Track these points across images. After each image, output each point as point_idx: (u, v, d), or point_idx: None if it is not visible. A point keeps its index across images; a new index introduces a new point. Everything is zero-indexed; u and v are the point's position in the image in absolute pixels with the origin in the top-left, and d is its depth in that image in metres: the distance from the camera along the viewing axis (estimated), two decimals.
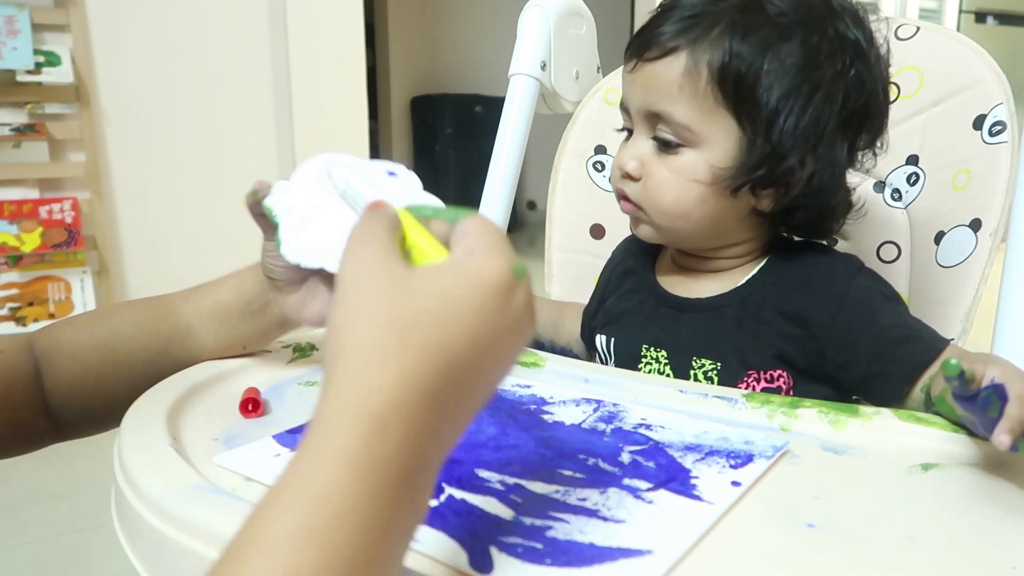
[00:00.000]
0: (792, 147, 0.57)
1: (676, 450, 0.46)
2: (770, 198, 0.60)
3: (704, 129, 0.58)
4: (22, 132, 2.42)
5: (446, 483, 0.41)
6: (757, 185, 0.59)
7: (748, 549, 0.36)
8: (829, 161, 0.59)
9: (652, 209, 0.61)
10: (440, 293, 0.30)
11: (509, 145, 0.96)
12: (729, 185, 0.58)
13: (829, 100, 0.57)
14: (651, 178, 0.60)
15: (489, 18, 5.20)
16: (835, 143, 0.59)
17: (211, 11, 2.77)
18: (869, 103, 0.60)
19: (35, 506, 1.56)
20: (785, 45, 0.56)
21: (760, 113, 0.57)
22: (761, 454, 0.45)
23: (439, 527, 0.36)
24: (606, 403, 0.54)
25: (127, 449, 0.45)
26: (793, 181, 0.59)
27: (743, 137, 0.57)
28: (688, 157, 0.59)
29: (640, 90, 0.60)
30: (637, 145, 0.61)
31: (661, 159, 0.60)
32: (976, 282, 0.72)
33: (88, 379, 0.56)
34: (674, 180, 0.59)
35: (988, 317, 0.70)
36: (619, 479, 0.42)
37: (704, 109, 0.57)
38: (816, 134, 0.57)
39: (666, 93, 0.58)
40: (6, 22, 2.32)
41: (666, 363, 0.65)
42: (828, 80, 0.57)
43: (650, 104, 0.59)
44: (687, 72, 0.57)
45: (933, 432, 0.48)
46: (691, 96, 0.57)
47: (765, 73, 0.56)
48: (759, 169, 0.58)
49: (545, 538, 0.36)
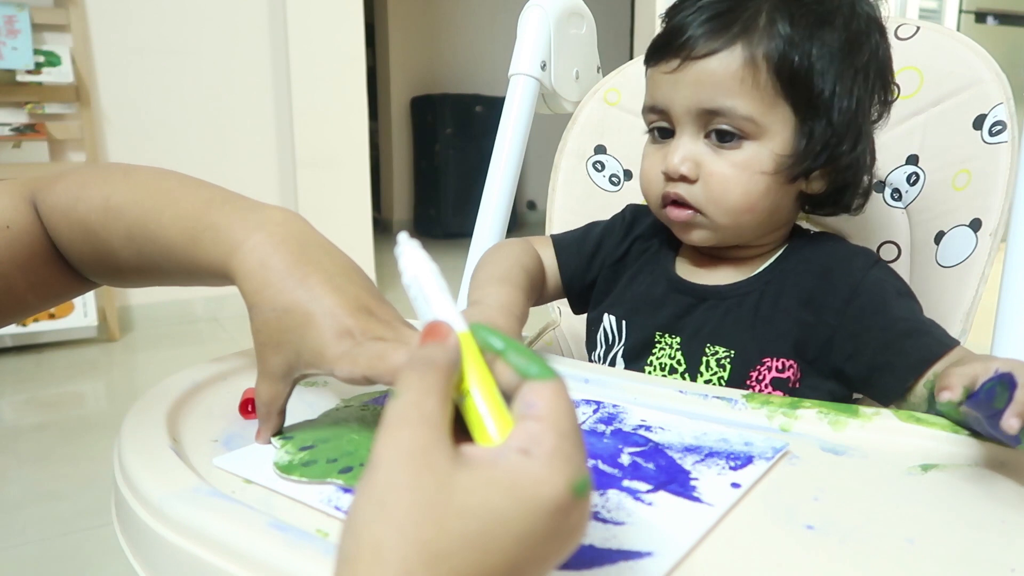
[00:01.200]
0: (847, 129, 0.59)
1: (676, 451, 0.46)
2: (821, 180, 0.62)
3: (766, 119, 0.58)
4: (22, 132, 2.42)
5: None
6: (813, 170, 0.60)
7: (747, 550, 0.36)
8: (869, 138, 0.62)
9: (716, 208, 0.60)
10: (485, 513, 0.25)
11: (509, 145, 0.96)
12: (791, 173, 0.59)
13: (866, 79, 0.60)
14: (713, 177, 0.59)
15: (489, 18, 5.20)
16: (869, 119, 0.62)
17: (211, 11, 2.78)
18: (886, 77, 0.62)
19: (35, 506, 1.56)
20: (827, 30, 0.57)
21: (817, 100, 0.58)
22: (761, 455, 0.45)
23: None
24: (605, 404, 0.54)
25: (127, 451, 0.45)
26: (844, 163, 0.60)
27: (799, 124, 0.58)
28: (750, 150, 0.59)
29: (690, 89, 0.59)
30: (686, 146, 0.60)
31: (719, 156, 0.59)
32: (976, 282, 0.72)
33: (82, 255, 0.54)
34: (739, 175, 0.59)
35: (988, 317, 0.70)
36: (619, 481, 0.42)
37: (765, 100, 0.57)
38: (862, 114, 0.60)
39: (725, 88, 0.57)
40: (6, 22, 2.32)
41: (678, 349, 0.65)
42: (866, 62, 0.59)
43: (705, 102, 0.58)
44: (746, 65, 0.57)
45: (933, 433, 0.48)
46: (752, 88, 0.57)
47: (817, 59, 0.57)
48: (821, 155, 0.59)
49: None
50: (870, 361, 0.59)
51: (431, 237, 5.00)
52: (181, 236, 0.49)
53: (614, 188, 0.95)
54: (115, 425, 0.49)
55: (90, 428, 1.88)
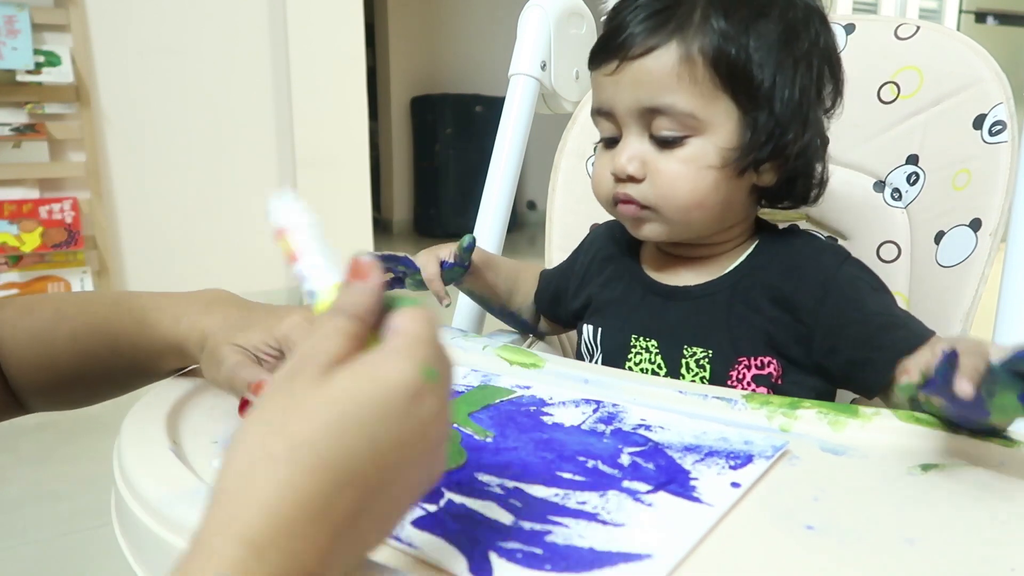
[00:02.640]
0: (791, 119, 0.59)
1: (675, 451, 0.46)
2: (771, 172, 0.61)
3: (707, 114, 0.58)
4: (22, 132, 2.43)
5: (445, 488, 0.41)
6: (761, 161, 0.60)
7: (747, 551, 0.36)
8: (814, 127, 0.61)
9: (665, 205, 0.60)
10: (341, 401, 0.27)
11: (509, 145, 0.96)
12: (738, 165, 0.59)
13: (809, 69, 0.59)
14: (660, 175, 0.59)
15: (489, 18, 5.20)
16: (817, 108, 0.61)
17: (211, 11, 2.78)
18: (833, 65, 0.62)
19: (35, 506, 1.56)
20: (763, 21, 0.58)
21: (757, 91, 0.58)
22: (761, 454, 0.45)
23: (438, 533, 0.36)
24: (605, 403, 0.54)
25: (127, 452, 0.45)
26: (791, 152, 0.60)
27: (743, 117, 0.58)
28: (695, 145, 0.59)
29: (630, 89, 0.59)
30: (632, 145, 0.60)
31: (665, 154, 0.59)
32: (976, 282, 0.72)
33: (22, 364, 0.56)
34: (686, 171, 0.59)
35: (988, 317, 0.70)
36: (618, 481, 0.42)
37: (705, 95, 0.57)
38: (805, 103, 0.59)
39: (663, 85, 0.58)
40: (6, 22, 2.32)
41: (656, 352, 0.65)
42: (806, 51, 0.59)
43: (645, 101, 0.58)
44: (682, 61, 0.57)
45: (933, 433, 0.48)
46: (691, 84, 0.57)
47: (754, 51, 0.57)
48: (766, 146, 0.59)
49: (545, 543, 0.36)
50: (849, 357, 0.59)
51: (431, 237, 4.99)
52: (128, 325, 0.55)
53: None
54: (115, 425, 0.49)
55: (90, 428, 1.88)
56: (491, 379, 0.59)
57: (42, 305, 0.57)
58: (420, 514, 0.38)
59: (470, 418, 0.51)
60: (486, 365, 0.62)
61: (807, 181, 0.64)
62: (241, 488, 0.25)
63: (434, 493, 0.40)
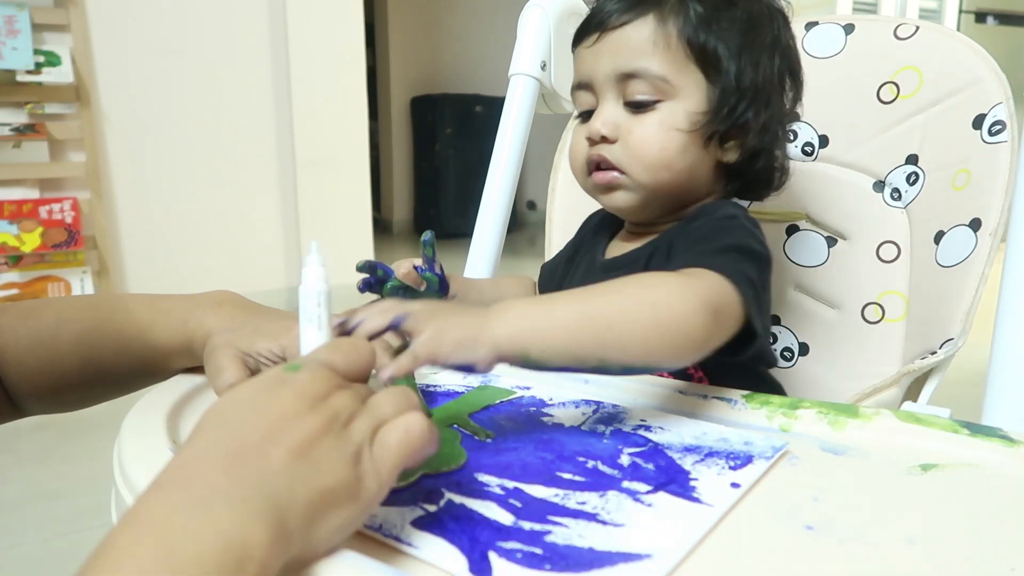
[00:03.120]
0: (753, 97, 0.64)
1: (675, 451, 0.46)
2: (734, 149, 0.65)
3: (679, 80, 0.63)
4: (22, 132, 2.43)
5: (445, 488, 0.41)
6: (724, 134, 0.64)
7: (747, 551, 0.36)
8: (777, 113, 0.66)
9: (636, 165, 0.64)
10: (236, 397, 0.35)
11: (509, 145, 0.96)
12: (704, 132, 0.63)
13: (770, 59, 0.65)
14: (632, 135, 0.64)
15: (489, 18, 5.20)
16: (776, 94, 0.66)
17: (211, 11, 2.78)
18: (792, 64, 0.68)
19: (35, 506, 1.56)
20: (732, 9, 0.64)
21: (723, 67, 0.63)
22: (760, 455, 0.45)
23: (438, 533, 0.36)
24: (605, 404, 0.54)
25: (127, 454, 0.45)
26: (752, 129, 0.64)
27: (711, 88, 0.63)
28: (666, 109, 0.63)
29: (608, 57, 0.64)
30: (607, 110, 0.65)
31: (638, 117, 0.64)
32: (976, 282, 0.72)
33: (23, 369, 0.56)
34: (657, 131, 0.63)
35: (988, 317, 0.70)
36: (618, 482, 0.42)
37: (676, 63, 0.63)
38: (767, 87, 0.65)
39: (640, 50, 0.63)
40: (6, 22, 2.32)
41: None
42: (768, 43, 0.65)
43: (622, 66, 0.63)
44: (657, 30, 0.63)
45: (933, 433, 0.48)
46: (664, 50, 0.62)
47: (722, 31, 0.63)
48: (731, 115, 0.63)
49: (544, 543, 0.36)
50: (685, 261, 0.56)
51: None
52: (133, 326, 0.56)
53: None
54: (115, 425, 0.49)
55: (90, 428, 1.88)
56: (491, 380, 0.59)
57: (43, 309, 0.57)
58: (420, 514, 0.38)
59: (470, 419, 0.51)
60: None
61: (768, 163, 0.67)
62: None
63: (434, 493, 0.40)
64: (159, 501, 0.29)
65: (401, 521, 0.37)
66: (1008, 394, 0.66)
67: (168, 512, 0.29)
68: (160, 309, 0.57)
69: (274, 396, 0.34)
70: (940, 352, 0.73)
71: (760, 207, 0.82)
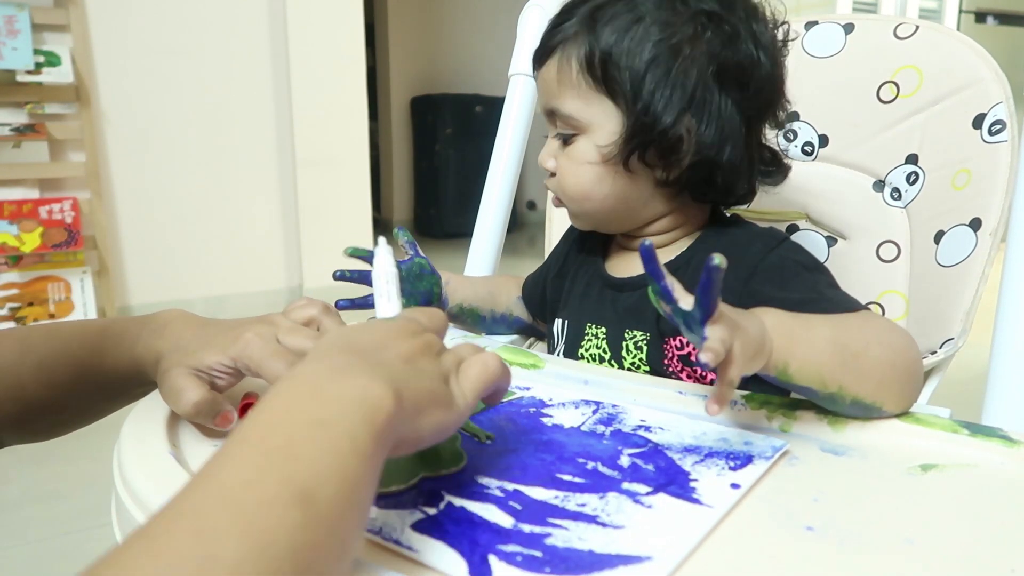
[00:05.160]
0: (663, 110, 0.60)
1: (675, 452, 0.46)
2: (669, 167, 0.63)
3: (587, 115, 0.63)
4: (22, 132, 2.43)
5: (445, 491, 0.41)
6: (644, 154, 0.62)
7: (747, 552, 0.36)
8: (710, 118, 0.61)
9: (564, 197, 0.67)
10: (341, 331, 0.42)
11: (509, 145, 0.96)
12: (617, 160, 0.62)
13: (692, 61, 0.60)
14: (559, 169, 0.66)
15: (489, 18, 5.20)
16: (711, 100, 0.61)
17: (211, 11, 2.78)
18: (742, 60, 0.61)
19: (35, 506, 1.56)
20: (639, 24, 0.61)
21: (629, 89, 0.61)
22: (760, 455, 0.45)
23: (438, 536, 0.36)
24: (605, 404, 0.54)
25: (127, 457, 0.45)
26: (679, 144, 0.61)
27: (621, 114, 0.62)
28: (579, 144, 0.64)
29: (540, 93, 0.67)
30: (550, 144, 0.67)
31: (562, 152, 0.66)
32: (976, 281, 0.72)
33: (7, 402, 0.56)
34: (571, 166, 0.65)
35: (988, 317, 0.70)
36: (618, 483, 0.42)
37: (582, 96, 0.63)
38: (684, 95, 0.60)
39: (552, 91, 0.64)
40: (6, 22, 2.32)
41: (604, 338, 0.68)
42: (686, 42, 0.60)
43: (544, 104, 0.66)
44: (560, 68, 0.63)
45: (933, 433, 0.48)
46: (568, 88, 0.63)
47: (625, 52, 0.61)
48: (635, 139, 0.61)
49: (544, 546, 0.36)
50: None
51: (431, 237, 4.99)
52: (91, 351, 0.56)
53: None
54: (115, 425, 0.49)
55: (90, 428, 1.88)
56: None
57: (7, 337, 0.57)
58: (420, 517, 0.38)
59: (470, 420, 0.51)
60: None
61: (727, 175, 0.63)
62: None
63: (434, 496, 0.40)
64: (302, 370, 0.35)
65: (401, 524, 0.37)
66: (1008, 394, 0.66)
67: (312, 373, 0.35)
68: (111, 334, 0.56)
69: (380, 327, 0.41)
70: (940, 352, 0.73)
71: (760, 207, 0.82)
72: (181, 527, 0.26)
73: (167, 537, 0.26)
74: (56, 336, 0.57)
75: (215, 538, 0.26)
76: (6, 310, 2.46)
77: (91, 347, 0.56)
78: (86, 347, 0.56)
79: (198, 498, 0.28)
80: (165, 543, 0.26)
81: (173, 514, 0.27)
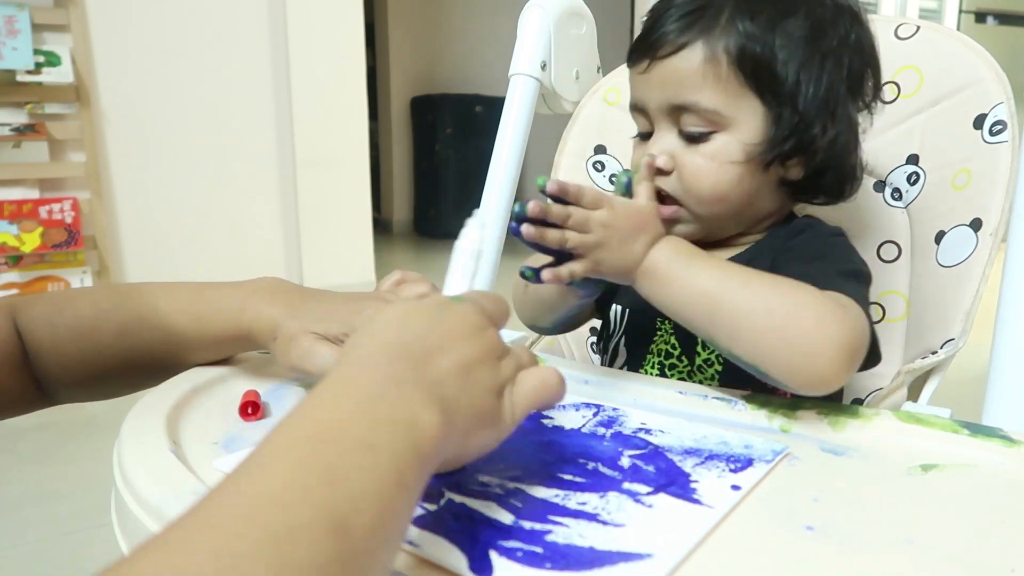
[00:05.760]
0: (816, 115, 0.60)
1: (676, 454, 0.46)
2: (798, 166, 0.63)
3: (732, 111, 0.60)
4: (22, 132, 2.42)
5: (446, 488, 0.41)
6: (786, 156, 0.61)
7: (747, 552, 0.36)
8: (846, 123, 0.62)
9: (691, 199, 0.62)
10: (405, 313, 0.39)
11: (509, 145, 0.96)
12: (762, 160, 0.61)
13: (838, 65, 0.61)
14: (686, 168, 0.61)
15: (489, 18, 5.20)
16: (848, 105, 0.62)
17: (211, 11, 2.78)
18: (869, 63, 0.64)
19: (35, 506, 1.56)
20: (790, 20, 0.59)
21: (781, 87, 0.59)
22: (761, 458, 0.45)
23: (439, 531, 0.36)
24: (605, 407, 0.54)
25: (127, 454, 0.45)
26: (818, 147, 0.61)
27: (768, 113, 0.60)
28: (719, 141, 0.60)
29: (659, 87, 0.62)
30: (663, 140, 0.62)
31: (691, 149, 0.61)
32: (977, 282, 0.72)
33: (63, 359, 0.57)
34: (710, 165, 0.61)
35: (989, 317, 0.70)
36: (619, 483, 0.42)
37: (729, 92, 0.59)
38: (833, 99, 0.61)
39: (689, 84, 0.60)
40: (6, 22, 2.32)
41: (672, 333, 0.67)
42: (835, 47, 0.61)
43: (673, 98, 0.61)
44: (707, 60, 0.59)
45: (933, 433, 0.48)
46: (715, 82, 0.59)
47: (779, 48, 0.59)
48: (789, 140, 0.60)
49: (545, 542, 0.36)
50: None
51: (431, 237, 4.99)
52: (181, 316, 0.57)
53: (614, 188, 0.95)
54: (115, 425, 0.49)
55: (90, 428, 1.88)
56: None
57: (77, 300, 0.58)
58: (420, 513, 0.38)
59: None
60: None
61: (838, 175, 0.65)
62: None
63: (434, 492, 0.40)
64: (356, 377, 0.33)
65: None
66: (1008, 394, 0.66)
67: (367, 383, 0.33)
68: (208, 299, 0.58)
69: (443, 317, 0.38)
70: (941, 352, 0.73)
71: None
72: (201, 541, 0.24)
73: (183, 550, 0.24)
74: (135, 298, 0.58)
75: (237, 560, 0.23)
76: None
77: (185, 311, 0.58)
78: (178, 310, 0.58)
79: (224, 510, 0.25)
80: (181, 557, 0.23)
81: (195, 524, 0.25)
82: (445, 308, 0.39)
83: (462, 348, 0.37)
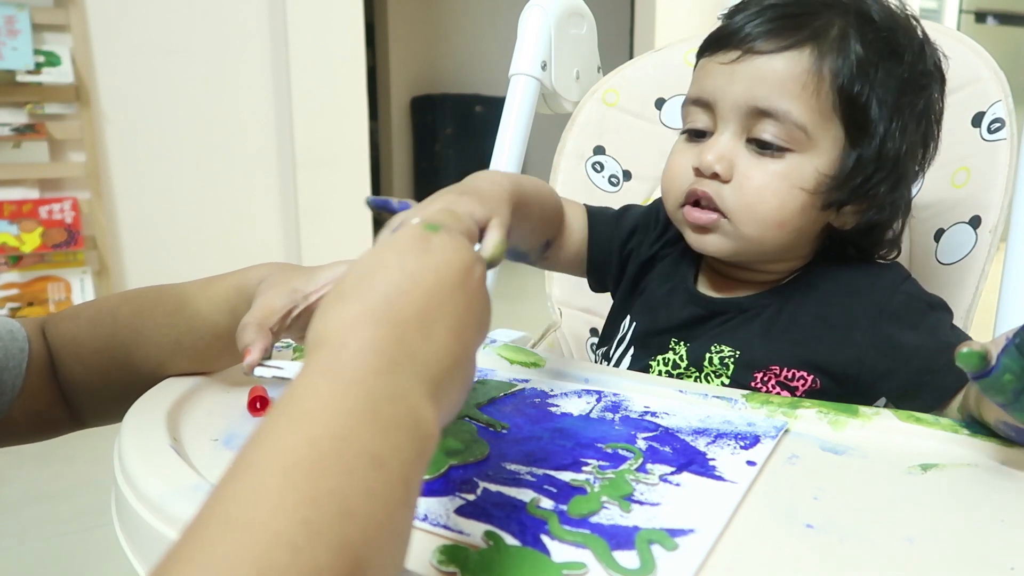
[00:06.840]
0: (891, 167, 0.57)
1: (686, 434, 0.48)
2: (853, 215, 0.59)
3: (818, 133, 0.55)
4: (22, 132, 2.42)
5: (478, 478, 0.41)
6: (845, 201, 0.57)
7: (747, 550, 0.36)
8: (907, 184, 0.59)
9: (745, 215, 0.56)
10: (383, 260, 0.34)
11: (509, 145, 0.96)
12: (828, 196, 0.56)
13: (918, 126, 0.58)
14: (749, 181, 0.56)
15: (489, 18, 5.19)
16: (913, 165, 0.59)
17: (211, 11, 2.77)
18: (937, 129, 0.61)
19: (35, 506, 1.56)
20: (895, 62, 0.56)
21: (870, 127, 0.56)
22: (766, 434, 0.47)
23: (484, 520, 0.37)
24: (606, 393, 0.55)
25: (127, 450, 0.45)
26: (881, 201, 0.58)
27: (849, 148, 0.56)
28: (793, 161, 0.55)
29: (744, 84, 0.55)
30: (724, 143, 0.57)
31: (759, 161, 0.56)
32: (976, 279, 0.72)
33: (93, 379, 0.57)
34: (779, 185, 0.55)
35: (988, 314, 0.70)
36: (643, 465, 0.43)
37: (822, 112, 0.55)
38: (908, 156, 0.57)
39: (786, 89, 0.54)
40: (6, 22, 2.32)
41: (684, 351, 0.63)
42: (923, 109, 0.58)
43: (759, 100, 0.55)
44: (812, 71, 0.54)
45: (933, 432, 0.48)
46: (813, 97, 0.54)
47: (879, 86, 0.55)
48: (857, 183, 0.56)
49: (591, 524, 0.37)
50: (906, 381, 0.57)
51: None
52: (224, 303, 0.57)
53: (613, 189, 0.95)
54: (115, 426, 0.49)
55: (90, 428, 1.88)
56: (488, 374, 0.59)
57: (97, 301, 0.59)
58: (461, 503, 0.39)
59: (480, 411, 0.51)
60: (484, 363, 0.62)
61: (881, 233, 0.61)
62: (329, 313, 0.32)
63: (468, 483, 0.41)
64: (348, 359, 0.29)
65: (445, 511, 0.38)
66: None
67: (361, 366, 0.28)
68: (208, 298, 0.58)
69: (426, 265, 0.33)
70: None
71: None
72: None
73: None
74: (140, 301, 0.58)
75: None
76: (6, 310, 2.46)
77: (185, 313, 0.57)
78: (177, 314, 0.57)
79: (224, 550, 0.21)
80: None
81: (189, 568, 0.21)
82: (423, 250, 0.34)
83: (454, 305, 0.33)
